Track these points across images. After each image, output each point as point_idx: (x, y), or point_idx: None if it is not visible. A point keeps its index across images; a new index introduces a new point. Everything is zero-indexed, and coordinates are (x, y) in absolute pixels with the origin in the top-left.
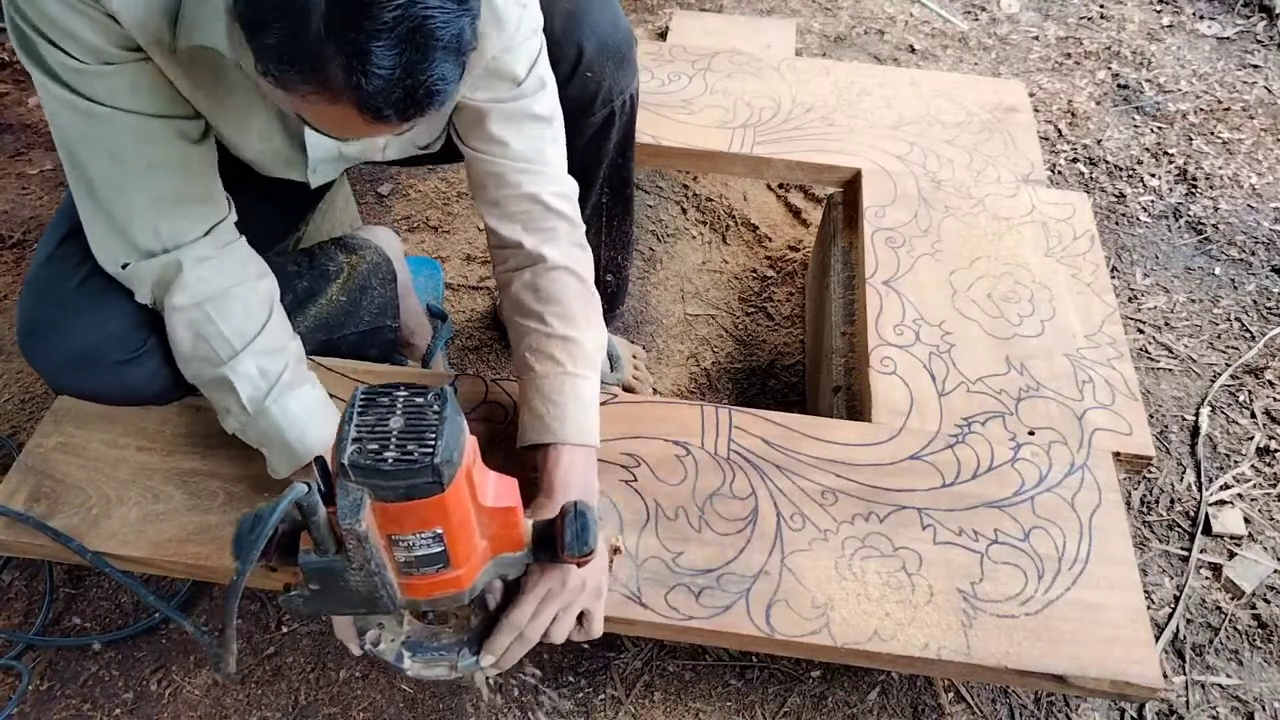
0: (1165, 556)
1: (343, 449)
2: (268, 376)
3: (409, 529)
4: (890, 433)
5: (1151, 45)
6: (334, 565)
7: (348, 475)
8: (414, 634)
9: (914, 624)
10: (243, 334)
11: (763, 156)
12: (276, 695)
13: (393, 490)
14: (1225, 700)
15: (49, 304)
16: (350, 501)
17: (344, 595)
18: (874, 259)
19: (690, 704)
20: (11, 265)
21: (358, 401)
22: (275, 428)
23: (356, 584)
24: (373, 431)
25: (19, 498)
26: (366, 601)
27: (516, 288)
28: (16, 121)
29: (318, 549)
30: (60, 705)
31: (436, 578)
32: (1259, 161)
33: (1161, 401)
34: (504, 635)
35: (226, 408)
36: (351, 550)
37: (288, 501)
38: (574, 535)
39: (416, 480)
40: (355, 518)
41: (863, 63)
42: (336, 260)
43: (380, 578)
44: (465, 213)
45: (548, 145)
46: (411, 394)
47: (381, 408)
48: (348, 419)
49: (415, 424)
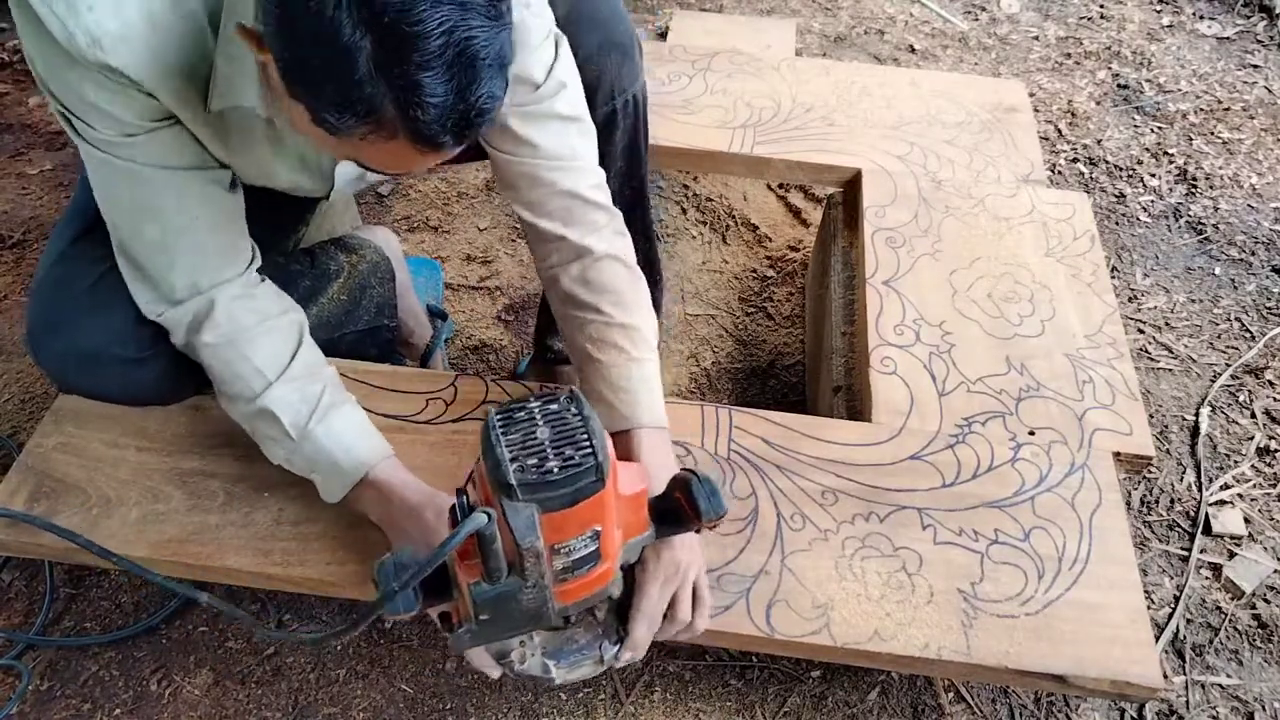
0: (1165, 556)
1: (503, 470)
2: (307, 401)
3: (571, 534)
4: (890, 433)
5: (1151, 45)
6: (509, 589)
7: (514, 495)
8: (548, 644)
9: (914, 624)
10: (275, 365)
11: (763, 156)
12: (276, 695)
13: (560, 499)
14: (1225, 700)
15: (60, 303)
16: (524, 520)
17: (513, 618)
18: (874, 259)
19: (690, 704)
20: (12, 265)
21: (496, 423)
22: (322, 449)
23: (527, 603)
24: (524, 448)
25: (19, 498)
26: (532, 619)
27: (566, 282)
28: (16, 121)
29: (490, 578)
30: (60, 705)
31: (588, 577)
32: (1259, 161)
33: (1161, 401)
34: (641, 624)
35: (272, 438)
36: (529, 569)
37: (465, 533)
38: (707, 500)
39: (582, 483)
40: (534, 535)
41: (863, 63)
42: (337, 260)
43: (547, 591)
44: (465, 213)
45: (576, 140)
46: (544, 402)
47: (523, 423)
48: (494, 441)
49: (562, 430)
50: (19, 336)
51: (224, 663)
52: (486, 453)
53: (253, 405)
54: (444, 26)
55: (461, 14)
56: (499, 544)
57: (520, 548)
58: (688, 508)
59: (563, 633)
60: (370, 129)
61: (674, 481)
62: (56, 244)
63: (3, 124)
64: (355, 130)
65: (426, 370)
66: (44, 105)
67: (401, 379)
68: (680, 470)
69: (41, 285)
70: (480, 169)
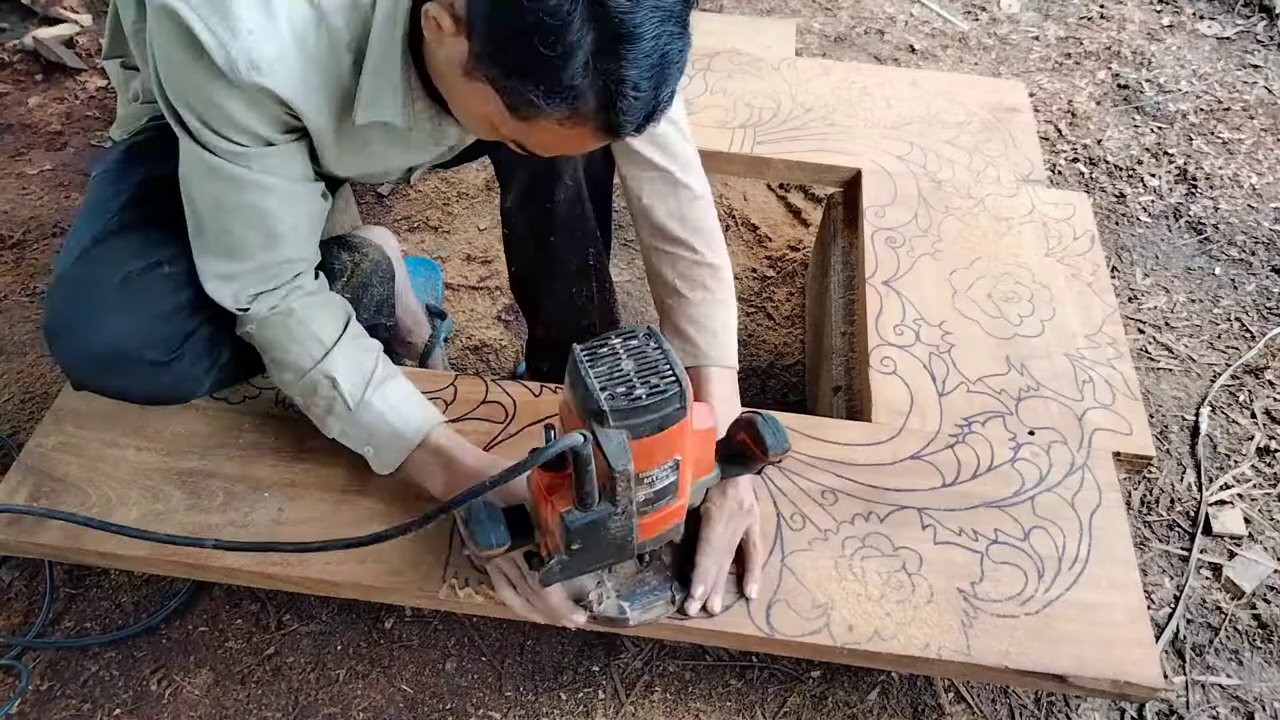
0: (1165, 556)
1: (594, 398)
2: (363, 371)
3: (656, 462)
4: (890, 433)
5: (1151, 45)
6: (600, 516)
7: (605, 421)
8: (621, 587)
9: (914, 624)
10: (331, 333)
11: (763, 156)
12: (276, 695)
13: (649, 424)
14: (1225, 700)
15: (84, 301)
16: (616, 444)
17: (599, 549)
18: (874, 259)
19: (690, 704)
20: (12, 265)
21: (582, 358)
22: (379, 417)
23: (615, 531)
24: (611, 378)
25: (19, 498)
26: (618, 550)
27: (661, 215)
28: (16, 121)
29: (582, 505)
30: (60, 705)
31: (666, 510)
32: (1259, 161)
33: (1161, 401)
34: (709, 560)
35: (328, 408)
36: (620, 493)
37: (560, 447)
38: (773, 435)
39: (668, 409)
40: (626, 458)
41: (863, 63)
42: (341, 259)
43: (634, 520)
44: (465, 213)
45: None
46: (624, 338)
47: (606, 357)
48: (583, 373)
49: (644, 362)
50: (19, 336)
51: (224, 663)
52: (575, 385)
53: (315, 371)
54: (655, 32)
55: (667, 22)
56: (593, 467)
57: (613, 470)
58: (753, 446)
59: (634, 576)
60: (568, 115)
61: (736, 424)
62: (76, 243)
63: (3, 124)
64: (555, 115)
65: (426, 370)
66: (44, 105)
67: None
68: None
69: (62, 282)
70: (480, 169)
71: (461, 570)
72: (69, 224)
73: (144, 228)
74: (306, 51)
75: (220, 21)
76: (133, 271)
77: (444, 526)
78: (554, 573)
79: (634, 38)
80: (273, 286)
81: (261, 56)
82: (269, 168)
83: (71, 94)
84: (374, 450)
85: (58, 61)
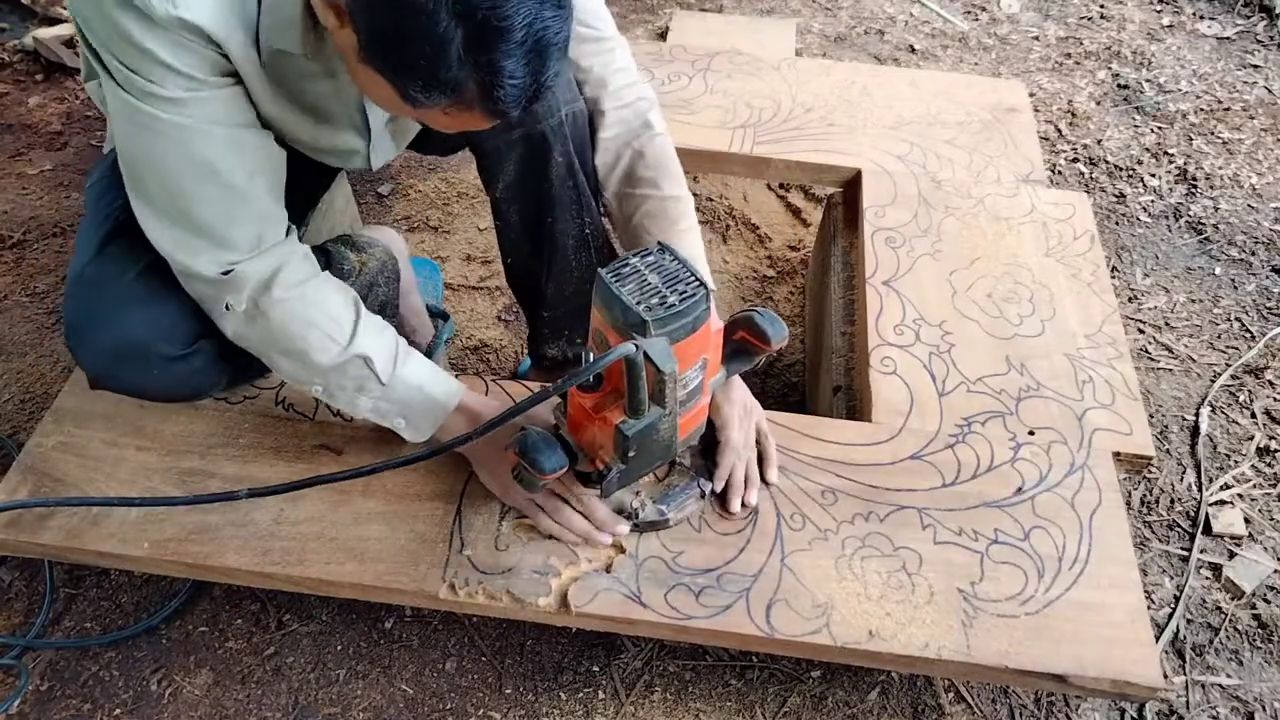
0: (1165, 556)
1: (633, 312)
2: (389, 346)
3: (689, 363)
4: (890, 433)
5: (1151, 45)
6: (653, 419)
7: (647, 331)
8: (653, 494)
9: (914, 624)
10: (349, 311)
11: (763, 156)
12: (276, 695)
13: (684, 327)
14: (1225, 700)
15: (102, 297)
16: (661, 349)
17: (649, 453)
18: (874, 259)
19: (690, 704)
20: (12, 265)
21: (609, 280)
22: (414, 385)
23: (663, 433)
24: (643, 292)
25: (19, 498)
26: (664, 451)
27: (629, 157)
28: (16, 121)
29: (634, 413)
30: (60, 705)
31: (696, 409)
32: (1259, 161)
33: (1161, 401)
34: (729, 455)
35: (360, 387)
36: (668, 395)
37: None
38: (771, 326)
39: (699, 310)
40: (672, 361)
41: (863, 63)
42: (349, 259)
43: (678, 420)
44: (465, 213)
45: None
46: (642, 256)
47: (631, 275)
48: (615, 292)
49: (667, 273)
50: (19, 336)
51: (224, 663)
52: (610, 303)
53: (344, 353)
54: (526, 19)
55: (539, 7)
56: (645, 374)
57: (662, 374)
58: (754, 339)
59: (663, 482)
60: (451, 104)
61: (734, 323)
62: (86, 246)
63: (3, 124)
64: (437, 105)
65: None
66: (44, 105)
67: None
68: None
69: (80, 280)
70: None
71: (461, 570)
72: (69, 224)
73: None
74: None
75: None
76: (145, 266)
77: (444, 527)
78: (614, 483)
79: (503, 29)
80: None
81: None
82: (211, 115)
83: (71, 94)
84: (406, 421)
85: (58, 61)
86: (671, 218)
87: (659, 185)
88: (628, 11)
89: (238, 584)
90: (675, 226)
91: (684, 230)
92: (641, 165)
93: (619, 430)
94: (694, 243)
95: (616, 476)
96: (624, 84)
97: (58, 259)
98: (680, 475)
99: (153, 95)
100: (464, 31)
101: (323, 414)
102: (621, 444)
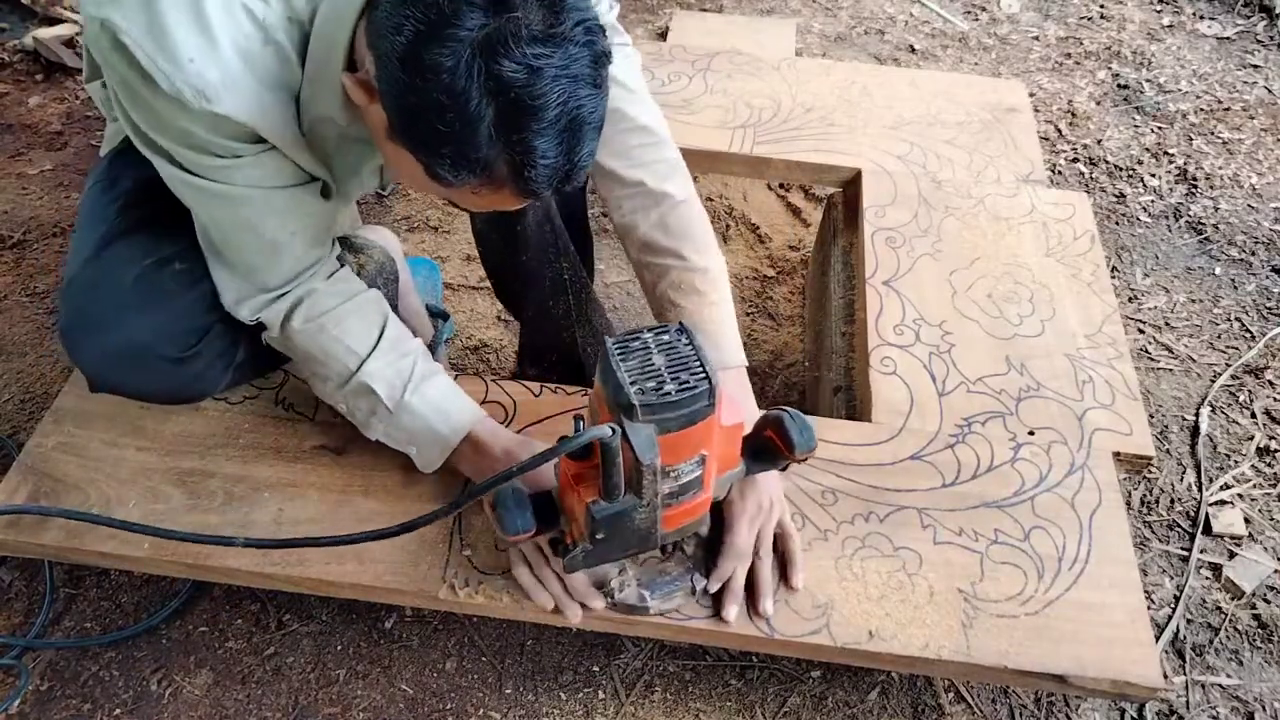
0: (1165, 556)
1: (624, 393)
2: (400, 373)
3: (682, 457)
4: (890, 433)
5: (1151, 45)
6: (625, 508)
7: (635, 415)
8: (642, 575)
9: (914, 624)
10: (365, 342)
11: (763, 156)
12: (276, 695)
13: (677, 420)
14: (1225, 700)
15: (100, 300)
16: (644, 438)
17: (624, 538)
18: (874, 259)
19: (690, 704)
20: (12, 265)
21: (614, 351)
22: (420, 418)
23: (639, 522)
24: (643, 373)
25: (19, 498)
26: (641, 540)
27: (646, 228)
28: (16, 121)
29: (608, 496)
30: (60, 705)
31: (690, 504)
32: (1259, 161)
33: (1161, 401)
34: (730, 559)
35: (371, 412)
36: (646, 486)
37: (588, 438)
38: (799, 434)
39: (697, 405)
40: (653, 452)
41: (863, 63)
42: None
43: (658, 513)
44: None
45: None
46: (656, 334)
47: (638, 351)
48: (614, 367)
49: (675, 358)
50: (19, 336)
51: (224, 663)
52: (606, 378)
53: (350, 383)
54: (560, 98)
55: (574, 86)
56: (620, 460)
57: (640, 464)
58: (780, 443)
59: (655, 565)
60: (481, 183)
61: (765, 419)
62: (81, 249)
63: (3, 124)
64: (467, 184)
65: None
66: (44, 105)
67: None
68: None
69: (74, 285)
70: None
71: (461, 570)
72: (69, 224)
73: (147, 227)
74: (255, 71)
75: (160, 53)
76: (145, 269)
77: (444, 527)
78: (578, 560)
79: (536, 108)
80: (282, 292)
81: (207, 84)
82: (252, 179)
83: (71, 94)
84: (417, 450)
85: (58, 61)
86: (700, 290)
87: (682, 255)
88: (628, 11)
89: (238, 584)
90: (705, 299)
91: (714, 303)
92: (661, 233)
93: (589, 509)
94: (724, 317)
95: (581, 554)
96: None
97: (58, 259)
98: (678, 564)
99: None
100: (495, 110)
101: (323, 414)
102: (589, 524)
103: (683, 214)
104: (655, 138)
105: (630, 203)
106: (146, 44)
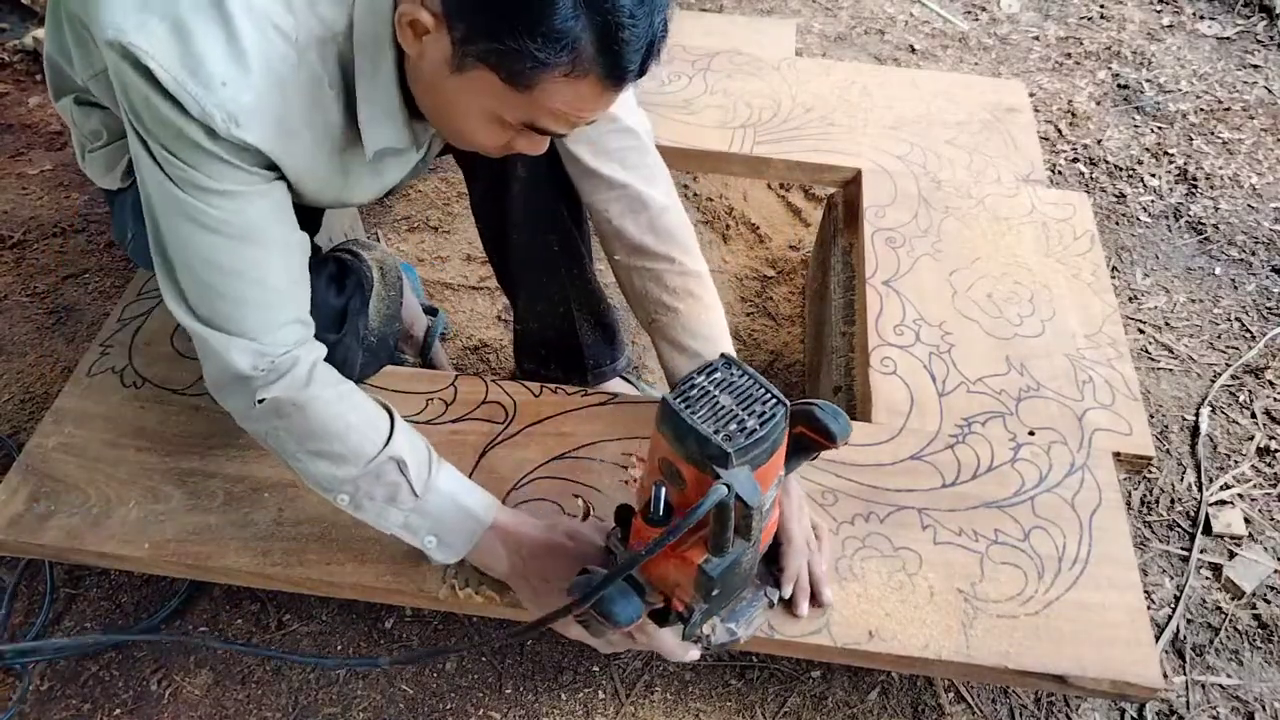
0: (1165, 556)
1: (710, 444)
2: (423, 453)
3: (769, 485)
4: (890, 433)
5: (1151, 45)
6: (737, 555)
7: (729, 462)
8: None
9: (914, 624)
10: (386, 418)
11: (763, 156)
12: (276, 695)
13: (765, 452)
14: (1225, 700)
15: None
16: (747, 482)
17: (732, 584)
18: (874, 259)
19: (690, 704)
20: (12, 265)
21: (680, 407)
22: (448, 498)
23: (746, 565)
24: (717, 417)
25: (19, 498)
26: (743, 581)
27: (634, 232)
28: (16, 121)
29: (718, 551)
30: (60, 705)
31: (770, 524)
32: (1259, 161)
33: (1161, 401)
34: (797, 557)
35: (391, 496)
36: (754, 528)
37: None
38: (835, 422)
39: (779, 431)
40: (758, 493)
41: (863, 63)
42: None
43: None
44: (465, 213)
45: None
46: (707, 375)
47: (701, 399)
48: (687, 423)
49: (740, 393)
50: (19, 336)
51: (224, 663)
52: (683, 435)
53: (375, 460)
54: None
55: None
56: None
57: (750, 509)
58: (816, 435)
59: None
60: (569, 66)
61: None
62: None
63: (3, 124)
64: (556, 68)
65: (426, 370)
66: (44, 105)
67: (401, 379)
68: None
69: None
70: None
71: (461, 570)
72: (69, 224)
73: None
74: (286, 94)
75: (191, 78)
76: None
77: None
78: (697, 625)
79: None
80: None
81: (240, 109)
82: (263, 212)
83: None
84: (438, 539)
85: None
86: (695, 294)
87: (674, 259)
88: None
89: (238, 584)
90: (700, 303)
91: (709, 306)
92: (652, 237)
93: (702, 571)
94: (719, 320)
95: (700, 616)
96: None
97: (58, 259)
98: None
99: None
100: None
101: None
102: (705, 585)
103: (671, 218)
104: (641, 141)
105: (618, 205)
106: (177, 70)
